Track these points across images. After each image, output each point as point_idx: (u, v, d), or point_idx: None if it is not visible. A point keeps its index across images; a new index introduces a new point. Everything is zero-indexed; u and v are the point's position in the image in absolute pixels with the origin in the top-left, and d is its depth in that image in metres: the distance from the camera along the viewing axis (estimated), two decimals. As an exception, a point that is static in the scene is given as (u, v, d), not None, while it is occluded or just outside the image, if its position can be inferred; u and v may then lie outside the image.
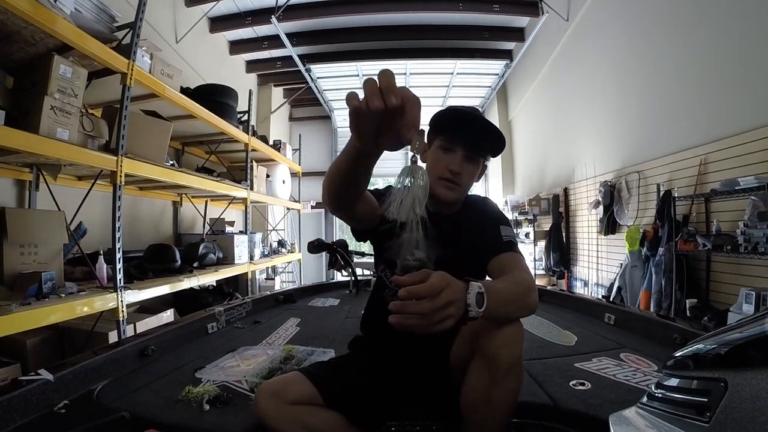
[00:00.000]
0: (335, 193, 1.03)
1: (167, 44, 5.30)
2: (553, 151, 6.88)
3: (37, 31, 2.23)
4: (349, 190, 1.02)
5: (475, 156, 1.28)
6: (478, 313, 0.87)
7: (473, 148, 1.27)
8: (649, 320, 2.24)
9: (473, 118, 1.29)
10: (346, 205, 1.08)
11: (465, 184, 1.30)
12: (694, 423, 0.65)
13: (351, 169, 0.94)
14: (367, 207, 1.14)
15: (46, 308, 2.14)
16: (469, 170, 1.28)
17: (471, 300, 0.87)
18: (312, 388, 1.13)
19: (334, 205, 1.07)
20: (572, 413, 1.30)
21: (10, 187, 3.03)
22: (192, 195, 5.10)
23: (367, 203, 1.14)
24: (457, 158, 1.25)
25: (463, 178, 1.27)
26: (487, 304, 0.88)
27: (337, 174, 0.98)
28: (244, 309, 2.76)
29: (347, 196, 1.05)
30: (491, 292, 0.90)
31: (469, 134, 1.26)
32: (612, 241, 4.89)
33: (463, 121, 1.28)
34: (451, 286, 0.83)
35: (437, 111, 1.33)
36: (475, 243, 1.26)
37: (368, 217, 1.18)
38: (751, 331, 0.66)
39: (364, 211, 1.14)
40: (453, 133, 1.27)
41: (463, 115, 1.29)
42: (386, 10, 6.51)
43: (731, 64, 3.14)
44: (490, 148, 1.33)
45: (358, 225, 1.28)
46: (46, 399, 1.29)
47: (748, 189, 2.74)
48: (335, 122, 10.30)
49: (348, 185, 1.00)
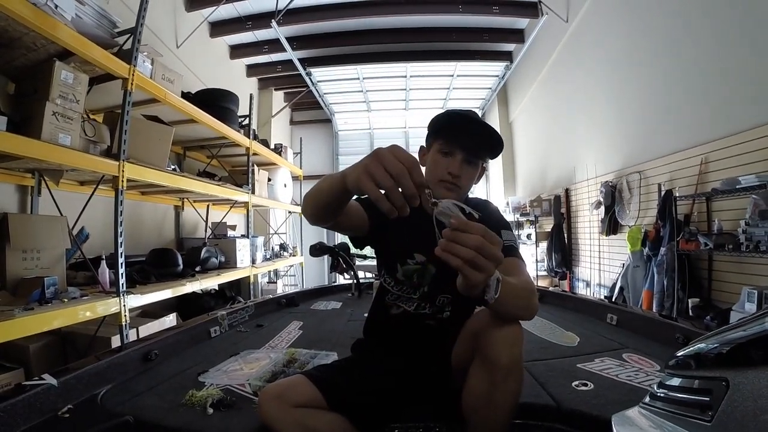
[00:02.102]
0: (317, 215, 1.09)
1: (168, 49, 5.32)
2: (553, 152, 6.88)
3: (39, 38, 2.24)
4: (330, 213, 1.07)
5: (474, 159, 1.29)
6: (492, 298, 0.90)
7: (472, 151, 1.27)
8: (652, 320, 2.24)
9: (471, 121, 1.29)
10: (326, 222, 1.12)
11: (465, 187, 1.30)
12: (697, 422, 0.65)
13: (335, 201, 0.99)
14: (351, 219, 1.21)
15: (48, 313, 2.15)
16: (469, 173, 1.29)
17: (492, 281, 0.88)
18: (315, 390, 1.13)
19: (312, 221, 1.12)
20: (575, 414, 1.30)
21: (13, 192, 3.04)
22: (194, 199, 5.11)
23: (349, 216, 1.19)
24: (456, 161, 1.26)
25: (462, 180, 1.28)
26: (500, 291, 0.90)
27: (318, 199, 1.03)
28: (246, 313, 2.75)
29: (327, 217, 1.09)
30: (505, 283, 0.92)
31: (467, 137, 1.27)
32: (614, 242, 4.88)
33: (461, 124, 1.28)
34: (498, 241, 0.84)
35: (435, 115, 1.33)
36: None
37: (354, 226, 1.25)
38: (753, 330, 0.66)
39: (346, 222, 1.20)
40: (451, 136, 1.28)
41: (461, 118, 1.29)
42: (386, 13, 6.53)
43: (731, 63, 3.15)
44: (488, 151, 1.33)
45: (345, 233, 1.32)
46: (50, 403, 1.30)
47: (750, 188, 2.74)
48: (336, 125, 10.32)
49: (330, 210, 1.05)
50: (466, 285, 0.85)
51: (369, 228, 1.29)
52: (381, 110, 9.83)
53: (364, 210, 1.28)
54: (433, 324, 1.35)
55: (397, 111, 10.00)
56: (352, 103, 9.41)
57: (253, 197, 5.11)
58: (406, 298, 1.37)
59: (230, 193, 4.63)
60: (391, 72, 8.11)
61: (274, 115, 8.89)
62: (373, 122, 10.40)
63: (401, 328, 1.38)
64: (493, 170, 9.79)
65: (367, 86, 8.57)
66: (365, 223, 1.28)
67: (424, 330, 1.35)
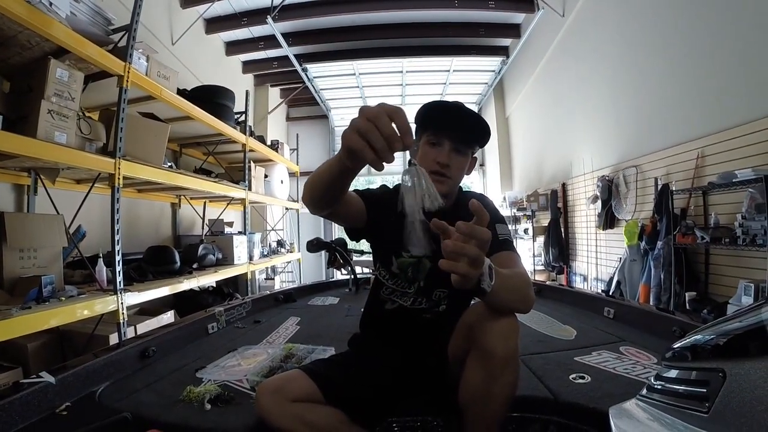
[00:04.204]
0: (316, 199, 1.09)
1: (163, 46, 5.29)
2: (550, 147, 6.89)
3: (33, 36, 2.23)
4: (330, 198, 1.08)
5: (462, 147, 1.29)
6: (489, 286, 0.91)
7: (460, 140, 1.27)
8: (649, 313, 2.25)
9: (457, 109, 1.29)
10: (326, 209, 1.13)
11: (455, 176, 1.30)
12: (694, 413, 0.66)
13: (335, 181, 0.99)
14: (349, 209, 1.22)
15: (46, 312, 2.14)
16: (458, 162, 1.29)
17: (485, 269, 0.89)
18: (313, 385, 1.14)
19: (312, 208, 1.13)
20: (572, 406, 1.31)
21: (9, 191, 3.03)
22: (190, 196, 5.09)
23: (348, 205, 1.21)
24: (444, 151, 1.26)
25: (452, 170, 1.28)
26: (495, 280, 0.92)
27: (319, 183, 1.04)
28: (244, 309, 2.76)
29: (327, 202, 1.10)
30: (498, 273, 0.94)
31: (454, 126, 1.27)
32: (610, 236, 4.90)
33: (447, 114, 1.29)
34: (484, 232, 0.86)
35: (421, 106, 1.33)
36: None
37: (352, 216, 1.26)
38: (749, 321, 0.67)
39: (345, 212, 1.21)
40: (438, 126, 1.28)
41: (446, 107, 1.30)
42: (382, 9, 6.51)
43: (727, 56, 3.15)
44: (476, 139, 1.34)
45: (343, 224, 1.33)
46: (48, 401, 1.30)
47: (746, 181, 2.75)
48: (332, 121, 10.30)
49: (329, 194, 1.06)
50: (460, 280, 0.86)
51: (366, 219, 1.30)
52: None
53: (363, 200, 1.29)
54: (429, 317, 1.35)
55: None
56: (348, 98, 9.38)
57: (250, 194, 5.10)
58: (401, 293, 1.37)
59: (227, 189, 4.62)
60: (387, 67, 8.09)
61: (270, 112, 8.87)
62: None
63: (397, 323, 1.38)
64: (490, 165, 9.79)
65: (363, 82, 8.54)
66: (363, 215, 1.29)
67: (420, 324, 1.35)
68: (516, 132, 8.70)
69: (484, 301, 1.01)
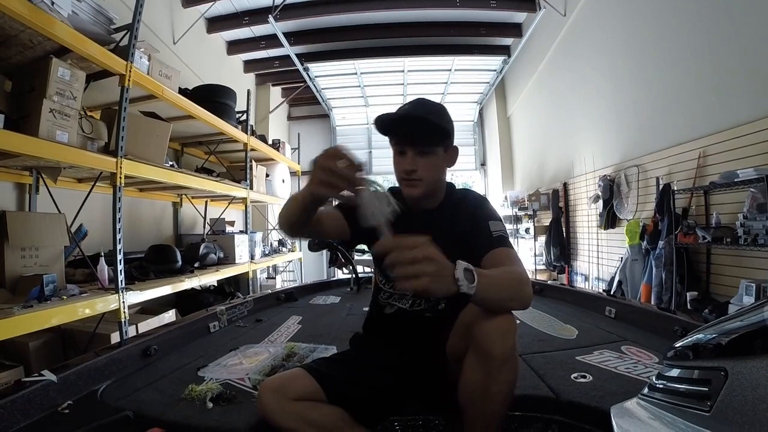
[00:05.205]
0: (288, 227, 1.26)
1: (165, 45, 5.29)
2: (552, 146, 6.87)
3: (35, 35, 2.23)
4: (302, 224, 1.22)
5: (426, 148, 1.26)
6: (470, 289, 0.91)
7: (417, 143, 1.26)
8: (650, 313, 2.25)
9: (405, 117, 1.27)
10: (299, 231, 1.29)
11: (426, 178, 1.27)
12: (696, 412, 0.66)
13: (305, 212, 1.16)
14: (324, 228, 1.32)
15: (48, 311, 2.14)
16: (425, 163, 1.26)
17: (459, 274, 0.89)
18: (314, 383, 1.14)
19: (289, 233, 1.28)
20: (574, 405, 1.31)
21: (11, 190, 3.03)
22: (192, 195, 5.10)
23: (322, 225, 1.30)
24: (408, 157, 1.26)
25: (420, 173, 1.26)
26: (478, 281, 0.91)
27: (288, 215, 1.22)
28: (245, 308, 2.76)
29: (300, 229, 1.27)
30: (482, 274, 0.94)
31: (407, 131, 1.26)
32: (612, 235, 4.89)
33: (397, 123, 1.27)
34: (426, 246, 0.88)
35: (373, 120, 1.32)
36: (460, 235, 1.26)
37: (334, 232, 1.37)
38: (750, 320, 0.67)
39: (320, 230, 1.32)
40: (394, 136, 1.29)
41: (395, 118, 1.27)
42: (384, 8, 6.50)
43: (729, 56, 3.14)
44: (434, 138, 1.28)
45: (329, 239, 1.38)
46: (50, 399, 1.30)
47: (747, 181, 2.74)
48: (334, 120, 10.28)
49: (301, 221, 1.20)
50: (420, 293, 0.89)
51: (350, 231, 1.36)
52: (379, 105, 9.76)
53: (342, 214, 1.34)
54: (430, 316, 1.35)
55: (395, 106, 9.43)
56: (350, 98, 9.36)
57: (252, 193, 5.10)
58: (399, 296, 1.38)
59: (228, 189, 4.63)
60: (388, 67, 8.07)
61: (271, 111, 8.86)
62: (371, 117, 10.29)
63: (398, 326, 1.39)
64: (492, 164, 9.78)
65: (364, 81, 8.52)
66: (345, 228, 1.35)
67: (421, 323, 1.36)
68: (517, 131, 8.68)
69: (473, 303, 1.01)
